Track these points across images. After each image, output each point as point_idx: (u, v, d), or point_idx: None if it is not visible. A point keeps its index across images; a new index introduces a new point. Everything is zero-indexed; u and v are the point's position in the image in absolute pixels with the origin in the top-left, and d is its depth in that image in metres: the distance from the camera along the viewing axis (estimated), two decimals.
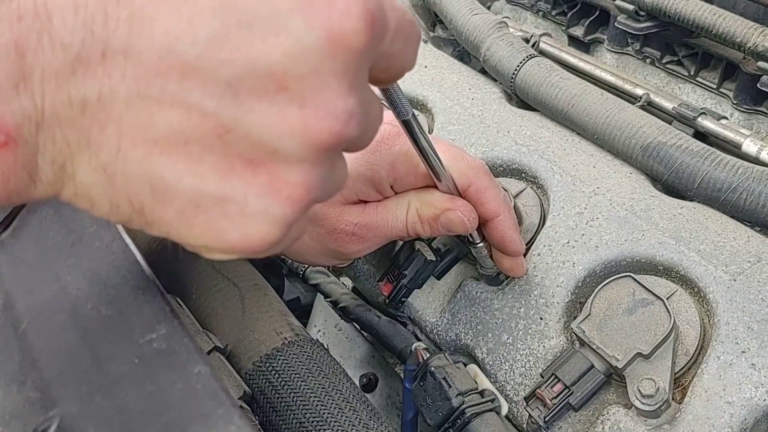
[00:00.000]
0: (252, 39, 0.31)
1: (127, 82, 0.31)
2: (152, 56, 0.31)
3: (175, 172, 0.32)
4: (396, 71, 0.42)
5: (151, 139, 0.32)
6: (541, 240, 0.67)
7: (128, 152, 0.32)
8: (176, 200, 0.33)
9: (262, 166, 0.33)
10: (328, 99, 0.32)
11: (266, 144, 0.32)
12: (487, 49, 0.83)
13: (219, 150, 0.32)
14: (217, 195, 0.33)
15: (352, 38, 0.32)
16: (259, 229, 0.34)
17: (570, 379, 0.56)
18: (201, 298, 0.61)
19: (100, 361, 0.43)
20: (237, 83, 0.31)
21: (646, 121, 0.69)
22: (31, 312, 0.48)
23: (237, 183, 0.33)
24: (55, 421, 0.40)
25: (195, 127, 0.32)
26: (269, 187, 0.33)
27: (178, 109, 0.31)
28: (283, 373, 0.53)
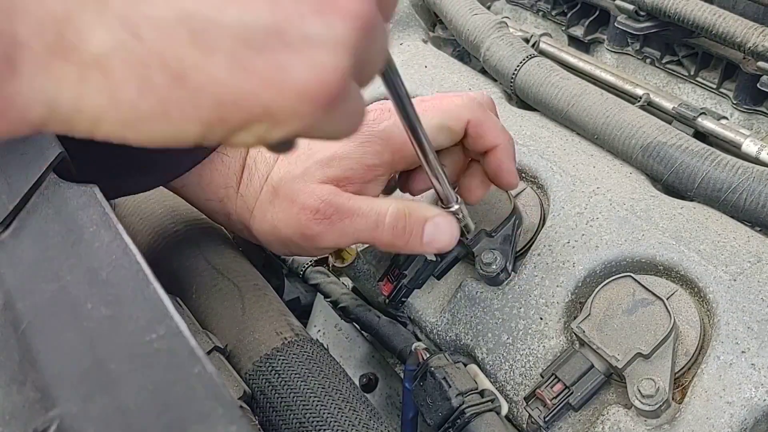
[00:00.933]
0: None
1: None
2: None
3: (215, 2, 0.27)
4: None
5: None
6: (541, 240, 0.67)
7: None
8: (222, 42, 0.27)
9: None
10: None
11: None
12: (487, 49, 0.83)
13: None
14: (269, 23, 0.28)
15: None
16: (326, 56, 0.28)
17: (570, 379, 0.56)
18: (201, 298, 0.61)
19: (100, 361, 0.43)
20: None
21: (646, 121, 0.69)
22: (31, 312, 0.48)
23: (288, 4, 0.28)
24: (55, 421, 0.40)
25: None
26: (324, 3, 0.28)
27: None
28: (283, 373, 0.53)
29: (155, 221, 0.69)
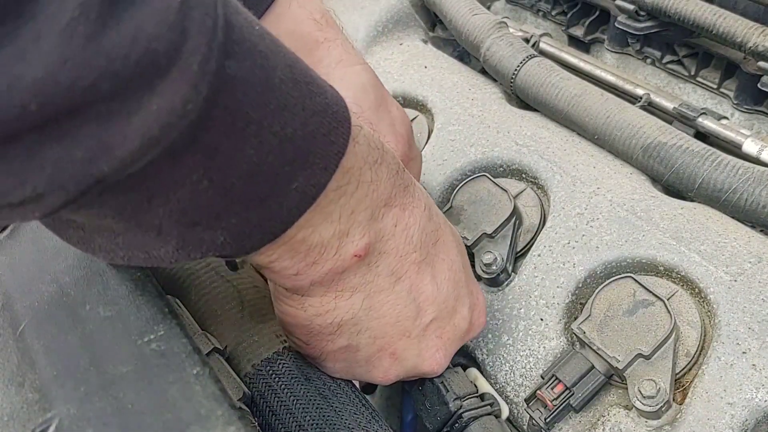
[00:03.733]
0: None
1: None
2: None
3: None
4: None
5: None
6: (541, 241, 0.67)
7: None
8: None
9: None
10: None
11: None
12: (487, 49, 0.83)
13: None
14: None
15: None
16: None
17: (570, 380, 0.56)
18: (200, 300, 0.61)
19: (98, 362, 0.42)
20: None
21: (647, 121, 0.69)
22: (30, 312, 0.48)
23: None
24: (54, 422, 0.40)
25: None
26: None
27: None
28: (283, 376, 0.53)
29: None
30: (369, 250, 0.46)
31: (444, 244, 0.52)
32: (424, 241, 0.49)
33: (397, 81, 0.87)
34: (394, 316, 0.50)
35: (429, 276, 0.50)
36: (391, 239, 0.47)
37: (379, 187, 0.45)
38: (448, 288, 0.52)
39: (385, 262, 0.48)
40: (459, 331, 0.54)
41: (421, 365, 0.53)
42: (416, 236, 0.49)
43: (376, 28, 0.94)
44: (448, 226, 0.54)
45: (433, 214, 0.51)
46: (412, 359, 0.53)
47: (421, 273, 0.50)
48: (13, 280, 0.51)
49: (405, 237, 0.48)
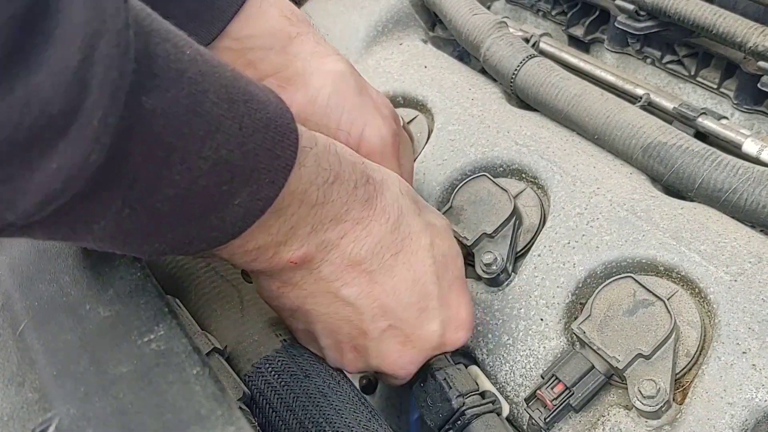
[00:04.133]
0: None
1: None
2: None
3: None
4: None
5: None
6: (541, 240, 0.67)
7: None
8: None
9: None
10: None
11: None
12: (487, 49, 0.83)
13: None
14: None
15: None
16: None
17: (570, 380, 0.56)
18: (200, 299, 0.61)
19: (98, 362, 0.42)
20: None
21: (647, 121, 0.69)
22: (30, 312, 0.48)
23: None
24: (54, 422, 0.40)
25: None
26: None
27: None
28: (282, 374, 0.53)
29: None
30: (306, 259, 0.48)
31: (409, 254, 0.52)
32: (377, 253, 0.50)
33: (397, 81, 0.87)
34: (344, 317, 0.52)
35: (386, 285, 0.51)
36: (334, 249, 0.49)
37: (326, 206, 0.47)
38: (409, 299, 0.52)
39: (327, 269, 0.49)
40: (428, 342, 0.55)
41: (383, 365, 0.55)
42: (367, 248, 0.50)
43: (376, 28, 0.94)
44: (422, 236, 0.53)
45: (400, 225, 0.52)
46: (373, 358, 0.54)
47: (374, 282, 0.51)
48: (13, 280, 0.51)
49: (352, 248, 0.49)
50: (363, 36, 0.94)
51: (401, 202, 0.52)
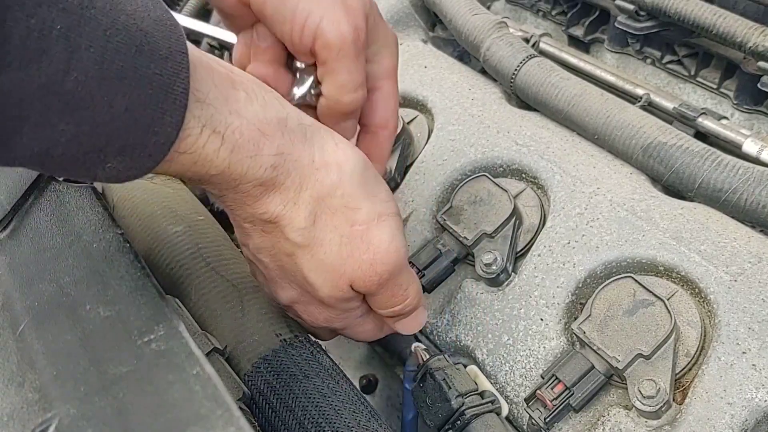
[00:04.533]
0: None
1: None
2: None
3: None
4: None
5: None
6: (541, 241, 0.67)
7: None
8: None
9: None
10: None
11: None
12: (487, 49, 0.83)
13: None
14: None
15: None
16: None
17: (570, 380, 0.56)
18: (200, 299, 0.61)
19: (98, 362, 0.42)
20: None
21: (647, 121, 0.69)
22: (30, 312, 0.48)
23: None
24: (54, 422, 0.40)
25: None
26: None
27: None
28: (282, 374, 0.53)
29: (154, 222, 0.69)
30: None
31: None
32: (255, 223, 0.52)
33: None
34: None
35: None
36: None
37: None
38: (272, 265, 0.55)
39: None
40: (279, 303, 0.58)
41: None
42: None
43: None
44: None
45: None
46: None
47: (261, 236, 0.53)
48: (13, 280, 0.51)
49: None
50: None
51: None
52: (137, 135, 0.41)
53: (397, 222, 0.54)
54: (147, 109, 0.40)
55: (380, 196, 0.53)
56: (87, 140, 0.39)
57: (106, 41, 0.38)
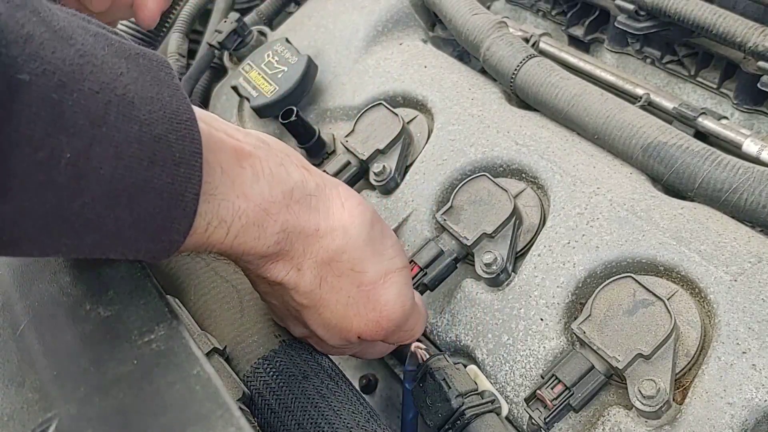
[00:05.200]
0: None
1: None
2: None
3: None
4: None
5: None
6: (541, 240, 0.67)
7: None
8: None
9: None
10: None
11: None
12: (487, 49, 0.83)
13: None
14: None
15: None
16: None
17: (570, 380, 0.56)
18: (200, 300, 0.61)
19: (98, 362, 0.42)
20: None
21: (647, 121, 0.69)
22: (30, 313, 0.48)
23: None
24: (54, 422, 0.40)
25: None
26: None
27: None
28: (281, 374, 0.53)
29: None
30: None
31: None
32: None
33: (397, 81, 0.87)
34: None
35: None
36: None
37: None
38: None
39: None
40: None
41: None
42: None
43: (376, 27, 0.94)
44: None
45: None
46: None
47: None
48: (13, 280, 0.51)
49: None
50: (363, 36, 0.94)
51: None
52: (142, 243, 0.40)
53: (404, 276, 0.55)
54: (155, 219, 0.39)
55: (387, 254, 0.54)
56: (88, 250, 0.39)
57: (117, 159, 0.36)
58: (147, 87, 0.38)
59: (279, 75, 0.90)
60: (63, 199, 0.35)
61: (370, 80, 0.89)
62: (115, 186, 0.36)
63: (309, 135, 0.84)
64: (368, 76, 0.90)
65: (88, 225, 0.37)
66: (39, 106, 0.33)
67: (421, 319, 0.59)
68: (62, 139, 0.34)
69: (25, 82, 0.32)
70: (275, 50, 0.93)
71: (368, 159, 0.78)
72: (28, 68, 0.33)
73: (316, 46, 0.97)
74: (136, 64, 0.39)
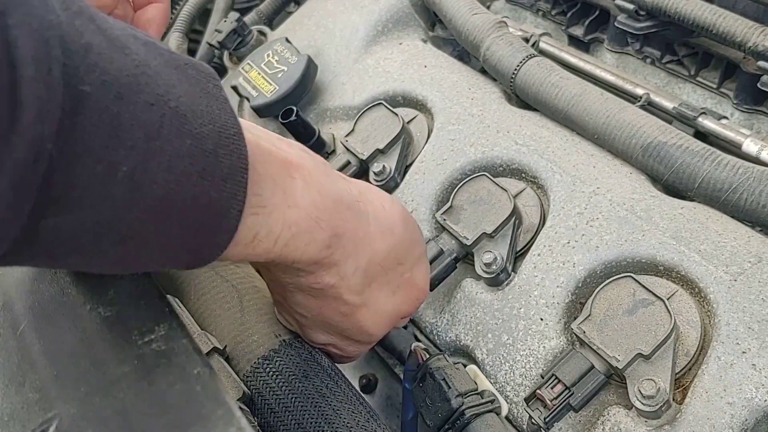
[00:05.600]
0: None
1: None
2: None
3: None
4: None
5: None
6: (541, 240, 0.67)
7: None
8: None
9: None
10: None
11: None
12: (487, 49, 0.83)
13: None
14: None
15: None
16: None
17: (570, 380, 0.56)
18: (200, 300, 0.61)
19: (99, 363, 0.42)
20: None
21: (647, 120, 0.69)
22: (30, 313, 0.48)
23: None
24: (54, 422, 0.40)
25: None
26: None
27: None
28: (280, 374, 0.53)
29: None
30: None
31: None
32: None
33: (397, 81, 0.87)
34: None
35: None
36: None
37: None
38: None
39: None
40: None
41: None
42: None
43: (376, 27, 0.94)
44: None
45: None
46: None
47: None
48: (13, 280, 0.51)
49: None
50: (363, 35, 0.94)
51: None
52: (183, 255, 0.40)
53: (425, 251, 0.60)
54: (200, 234, 0.39)
55: (418, 239, 0.57)
56: (132, 262, 0.39)
57: (169, 173, 0.36)
58: (197, 99, 0.38)
59: (279, 75, 0.90)
60: (117, 212, 0.35)
61: (370, 80, 0.89)
62: (166, 200, 0.36)
63: (309, 135, 0.84)
64: (368, 75, 0.90)
65: (137, 238, 0.37)
66: (99, 118, 0.33)
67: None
68: (120, 152, 0.34)
69: (87, 93, 0.32)
70: (275, 50, 0.93)
71: (368, 159, 0.79)
72: (89, 79, 0.32)
73: (316, 46, 0.97)
74: (186, 76, 0.39)
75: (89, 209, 0.34)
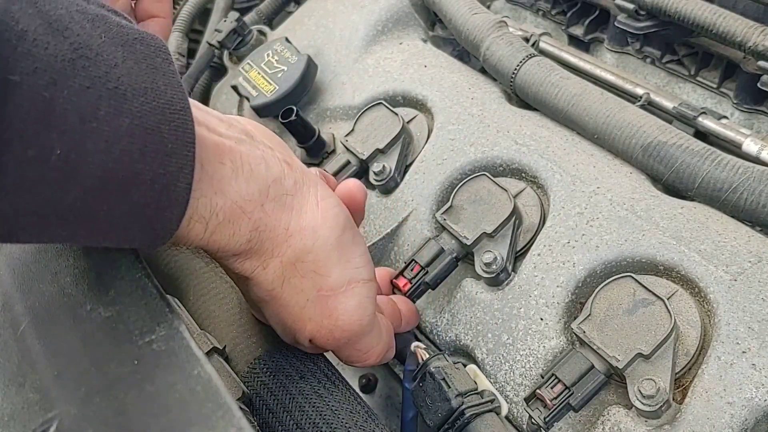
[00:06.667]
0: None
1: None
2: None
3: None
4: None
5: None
6: (541, 240, 0.67)
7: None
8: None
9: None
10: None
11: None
12: (487, 49, 0.83)
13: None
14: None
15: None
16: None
17: (570, 380, 0.56)
18: (199, 300, 0.61)
19: (99, 363, 0.42)
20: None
21: (647, 120, 0.69)
22: (30, 313, 0.48)
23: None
24: (54, 422, 0.40)
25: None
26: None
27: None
28: (278, 374, 0.53)
29: None
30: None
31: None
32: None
33: (397, 80, 0.87)
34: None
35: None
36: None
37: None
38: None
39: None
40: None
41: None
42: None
43: (376, 27, 0.94)
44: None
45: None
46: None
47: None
48: (14, 280, 0.51)
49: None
50: (363, 35, 0.94)
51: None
52: (135, 232, 0.40)
53: (368, 288, 0.53)
54: (147, 209, 0.39)
55: (354, 262, 0.52)
56: (83, 239, 0.40)
57: (107, 154, 0.36)
58: (142, 76, 0.38)
59: (279, 74, 0.90)
60: (55, 194, 0.36)
61: (369, 80, 0.89)
62: (105, 179, 0.37)
63: (309, 134, 0.84)
64: (368, 75, 0.90)
65: (81, 217, 0.37)
66: (29, 105, 0.33)
67: (381, 345, 0.56)
68: (52, 137, 0.34)
69: (16, 82, 0.32)
70: (275, 50, 0.93)
71: (368, 158, 0.79)
72: (20, 68, 0.33)
73: (316, 46, 0.97)
74: (132, 51, 0.39)
75: (26, 192, 0.35)
